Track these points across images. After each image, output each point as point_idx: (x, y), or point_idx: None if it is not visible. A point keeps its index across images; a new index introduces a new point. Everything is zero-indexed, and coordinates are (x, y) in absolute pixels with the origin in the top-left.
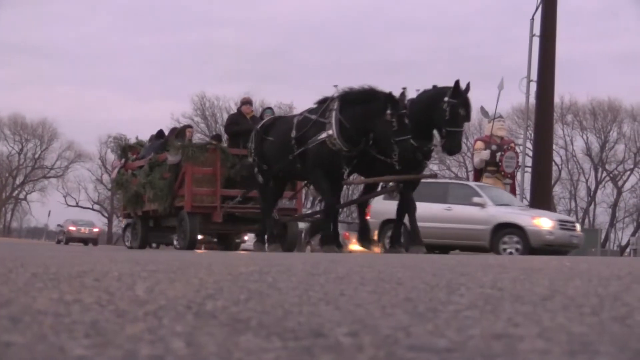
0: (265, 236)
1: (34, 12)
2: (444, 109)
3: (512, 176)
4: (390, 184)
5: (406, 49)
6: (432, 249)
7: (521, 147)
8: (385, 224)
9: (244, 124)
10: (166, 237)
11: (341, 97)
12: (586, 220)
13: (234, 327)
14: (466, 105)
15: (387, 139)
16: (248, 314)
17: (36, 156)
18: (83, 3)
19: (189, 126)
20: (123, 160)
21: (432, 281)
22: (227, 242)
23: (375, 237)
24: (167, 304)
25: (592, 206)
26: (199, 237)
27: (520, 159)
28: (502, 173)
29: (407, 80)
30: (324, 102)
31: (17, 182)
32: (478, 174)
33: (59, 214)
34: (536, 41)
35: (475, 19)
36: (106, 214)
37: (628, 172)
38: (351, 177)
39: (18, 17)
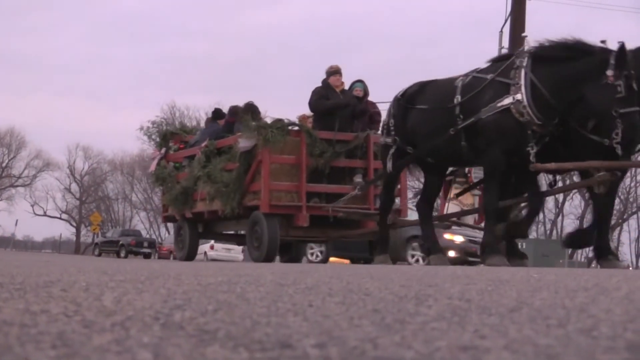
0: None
1: (7, 24)
2: None
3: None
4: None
5: (375, 61)
6: None
7: None
8: None
9: (334, 98)
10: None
11: (534, 51)
12: (554, 232)
13: (201, 338)
14: None
15: (607, 110)
16: (216, 324)
17: (3, 165)
18: (56, 14)
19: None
20: (163, 150)
21: (400, 292)
22: (293, 250)
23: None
24: (134, 314)
25: (559, 217)
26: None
27: None
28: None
29: (379, 90)
30: (504, 59)
31: None
32: (447, 185)
33: (27, 223)
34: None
35: (445, 32)
36: (74, 224)
37: None
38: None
39: None
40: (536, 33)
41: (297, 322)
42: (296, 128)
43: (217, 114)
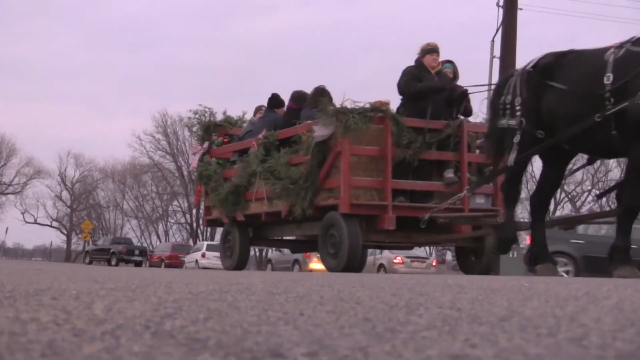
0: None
1: (0, 30)
2: None
3: None
4: None
5: (369, 70)
6: None
7: None
8: None
9: (428, 80)
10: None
11: None
12: None
13: (191, 347)
14: None
15: None
16: (206, 333)
17: None
18: (50, 22)
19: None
20: (207, 144)
21: (391, 301)
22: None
23: None
24: (125, 323)
25: None
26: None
27: None
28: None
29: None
30: None
31: None
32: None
33: (17, 230)
34: (496, 63)
35: (438, 41)
36: (65, 231)
37: (586, 194)
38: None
39: None
40: (528, 43)
41: (288, 331)
42: (381, 114)
43: (275, 100)
